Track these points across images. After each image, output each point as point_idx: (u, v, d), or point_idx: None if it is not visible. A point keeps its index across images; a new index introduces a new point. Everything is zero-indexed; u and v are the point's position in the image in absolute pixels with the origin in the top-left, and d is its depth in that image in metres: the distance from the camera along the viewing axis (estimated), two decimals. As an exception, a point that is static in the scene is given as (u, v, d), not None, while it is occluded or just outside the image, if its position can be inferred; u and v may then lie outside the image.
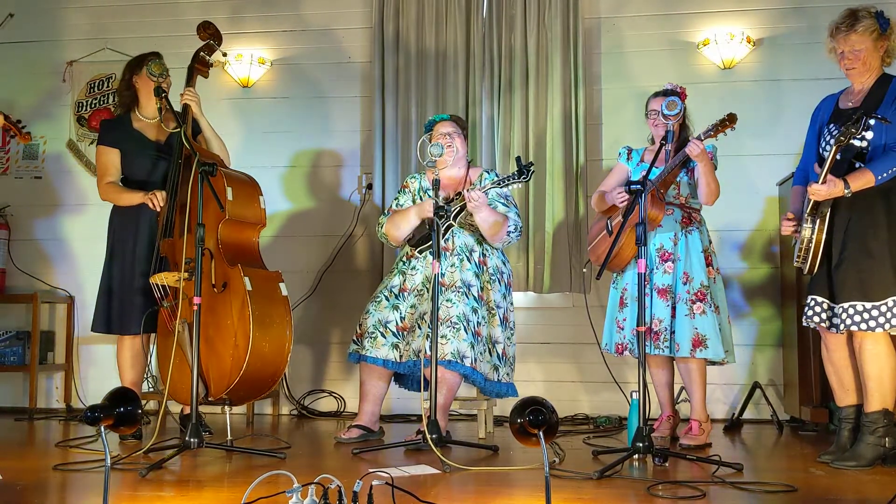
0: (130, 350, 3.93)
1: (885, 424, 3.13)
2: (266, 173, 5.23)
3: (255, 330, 3.49)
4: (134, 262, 3.89)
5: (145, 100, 4.01)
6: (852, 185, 3.11)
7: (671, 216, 3.85)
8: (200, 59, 4.09)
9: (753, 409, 4.69)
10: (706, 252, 3.86)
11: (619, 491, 2.75)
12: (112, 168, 3.98)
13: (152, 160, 3.97)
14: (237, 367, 3.47)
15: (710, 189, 3.74)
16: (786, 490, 2.74)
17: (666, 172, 3.76)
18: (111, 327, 3.91)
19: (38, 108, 5.49)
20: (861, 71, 3.27)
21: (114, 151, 3.99)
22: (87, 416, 2.32)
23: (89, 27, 5.48)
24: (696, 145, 3.60)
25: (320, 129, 5.31)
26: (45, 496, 2.70)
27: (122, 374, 3.96)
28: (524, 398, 2.25)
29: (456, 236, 3.93)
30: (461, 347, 3.70)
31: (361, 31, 5.31)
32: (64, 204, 5.43)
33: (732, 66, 4.94)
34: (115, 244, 3.97)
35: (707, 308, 3.75)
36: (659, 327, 3.78)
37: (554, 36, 4.99)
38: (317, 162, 5.32)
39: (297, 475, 2.21)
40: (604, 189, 4.08)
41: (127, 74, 4.05)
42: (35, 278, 5.31)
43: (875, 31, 3.22)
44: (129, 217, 3.93)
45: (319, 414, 5.03)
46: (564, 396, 4.91)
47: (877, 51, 3.25)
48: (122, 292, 3.89)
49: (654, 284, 3.82)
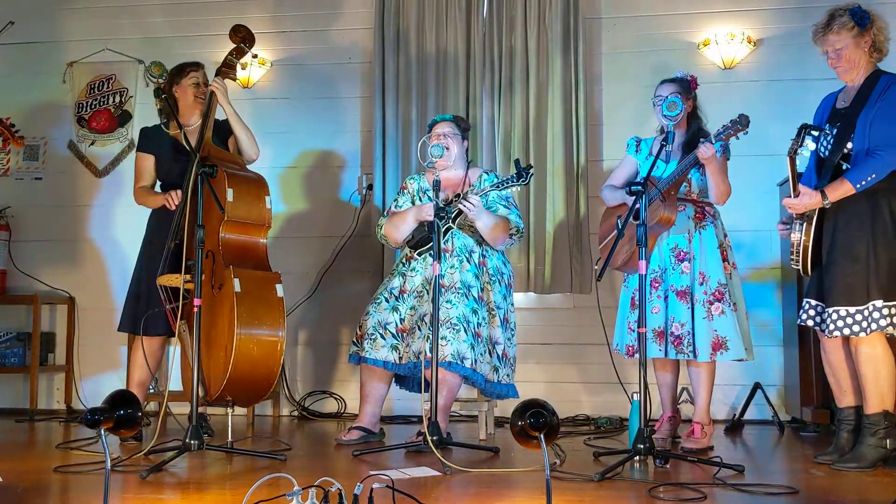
0: (147, 350, 3.90)
1: (885, 426, 3.13)
2: (266, 174, 5.16)
3: (240, 331, 3.48)
4: (159, 264, 3.89)
5: (184, 108, 4.09)
6: (830, 196, 3.11)
7: (683, 212, 3.75)
8: (228, 62, 4.09)
9: (754, 410, 4.68)
10: (721, 247, 3.75)
11: (619, 493, 2.75)
12: (145, 173, 4.09)
13: (184, 165, 3.95)
14: (225, 370, 3.47)
15: (720, 190, 3.67)
16: (787, 492, 2.73)
17: (677, 175, 3.67)
18: (136, 328, 3.91)
19: (38, 109, 5.49)
20: (847, 69, 3.26)
21: (148, 157, 4.08)
22: (87, 418, 2.31)
23: (89, 28, 5.47)
24: (708, 149, 3.52)
25: (320, 129, 5.31)
26: (45, 498, 2.69)
27: (132, 372, 3.98)
28: (525, 400, 2.25)
29: (455, 238, 3.93)
30: (461, 349, 3.69)
31: (362, 31, 5.31)
32: (64, 205, 5.42)
33: (733, 67, 4.94)
34: (144, 246, 4.03)
35: (726, 307, 3.65)
36: (681, 331, 3.67)
37: (554, 36, 4.99)
38: (317, 162, 5.31)
39: (298, 477, 2.21)
40: (612, 183, 4.01)
41: (167, 85, 4.13)
42: (35, 279, 5.31)
43: (853, 27, 3.19)
44: (160, 220, 3.98)
45: (320, 415, 5.03)
46: (565, 397, 4.90)
47: (860, 47, 3.22)
48: (148, 294, 3.91)
49: (672, 286, 3.72)
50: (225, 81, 4.05)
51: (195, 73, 4.10)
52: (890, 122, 3.11)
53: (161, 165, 4.07)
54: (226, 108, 4.03)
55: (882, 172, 3.09)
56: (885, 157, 3.08)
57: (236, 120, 4.05)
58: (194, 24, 5.35)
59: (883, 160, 3.08)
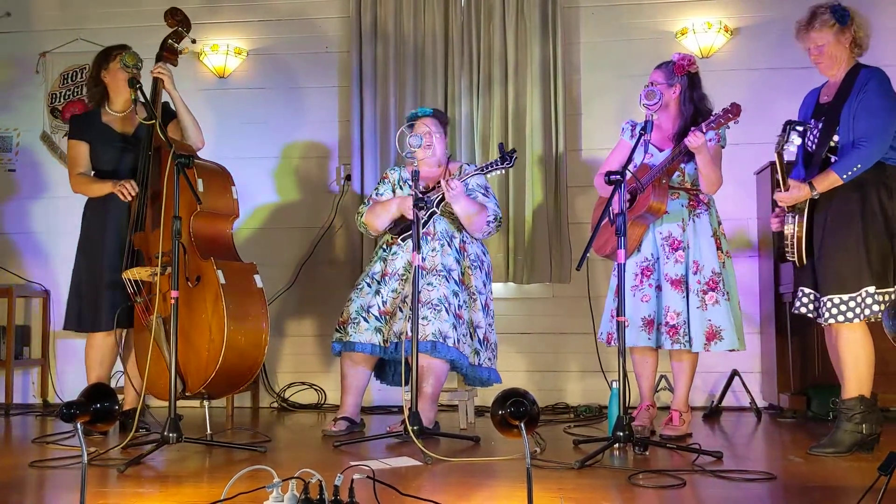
0: (100, 347, 3.84)
1: (861, 411, 3.17)
2: (243, 164, 5.17)
3: (229, 323, 3.46)
4: (103, 256, 3.80)
5: (114, 94, 3.95)
6: (818, 187, 3.20)
7: (677, 200, 3.71)
8: (168, 46, 3.97)
9: (732, 397, 4.72)
10: (715, 235, 3.72)
11: (600, 480, 2.76)
12: (81, 160, 3.93)
13: (119, 152, 3.89)
14: (213, 361, 3.44)
15: (710, 180, 3.64)
16: (765, 478, 2.76)
17: (667, 164, 3.63)
18: (82, 325, 3.83)
19: (10, 99, 5.41)
20: (828, 65, 3.34)
21: (83, 144, 3.94)
22: (63, 412, 2.28)
23: (62, 18, 5.40)
24: (697, 138, 3.49)
25: (298, 119, 5.27)
26: (21, 494, 2.66)
27: (90, 370, 3.86)
28: (505, 390, 2.24)
29: (437, 222, 3.92)
30: (443, 328, 3.69)
31: (339, 20, 5.27)
32: (38, 197, 5.35)
33: (710, 56, 4.96)
34: (84, 238, 3.90)
35: (720, 297, 3.62)
36: (677, 320, 3.64)
37: (533, 25, 4.98)
38: (295, 153, 5.28)
39: (278, 469, 2.20)
40: (606, 169, 3.97)
41: (94, 69, 3.98)
42: (9, 272, 5.24)
43: (833, 24, 3.28)
44: (99, 210, 3.87)
45: (300, 406, 5.01)
46: (545, 386, 4.92)
47: (841, 43, 3.30)
48: (91, 288, 3.82)
49: (666, 275, 3.68)
50: (167, 66, 3.92)
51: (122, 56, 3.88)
52: (871, 114, 3.18)
53: (96, 153, 3.92)
54: (172, 94, 3.89)
55: (867, 163, 3.16)
56: (869, 147, 3.16)
57: (183, 107, 3.91)
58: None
59: (867, 151, 3.16)
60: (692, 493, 2.59)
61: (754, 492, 2.60)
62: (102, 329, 3.80)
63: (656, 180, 3.62)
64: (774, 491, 2.63)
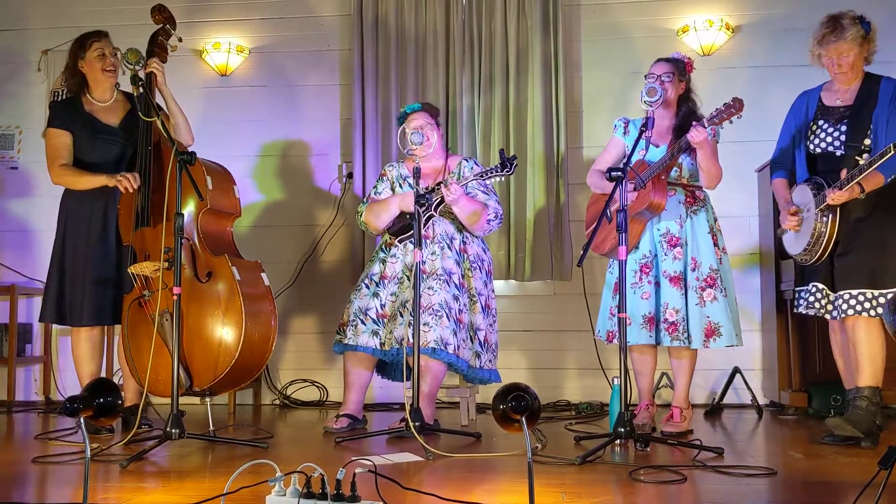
0: (88, 342, 3.79)
1: (876, 402, 3.26)
2: (245, 162, 5.20)
3: (247, 320, 3.48)
4: (87, 249, 3.74)
5: (94, 83, 3.86)
6: (867, 188, 3.28)
7: (674, 196, 3.71)
8: (159, 42, 3.88)
9: (733, 394, 4.72)
10: (712, 232, 3.73)
11: (601, 476, 2.76)
12: (65, 151, 3.78)
13: (105, 144, 3.82)
14: (227, 358, 3.45)
15: (711, 175, 3.64)
16: (766, 473, 2.76)
17: (667, 160, 3.62)
18: (63, 318, 3.77)
19: (13, 97, 5.42)
20: (850, 76, 3.43)
21: (66, 134, 3.80)
22: (66, 407, 2.29)
23: (62, 15, 5.40)
24: (699, 133, 3.47)
25: (300, 117, 5.28)
26: (24, 489, 2.67)
27: (80, 366, 3.81)
28: (506, 384, 2.25)
29: (436, 224, 3.93)
30: (444, 334, 3.70)
31: (341, 18, 5.28)
32: (41, 195, 5.36)
33: (711, 53, 4.96)
34: (66, 231, 3.80)
35: (718, 293, 3.62)
36: (676, 317, 3.64)
37: (534, 22, 4.99)
38: (297, 151, 5.29)
39: (280, 464, 2.20)
40: (599, 167, 3.89)
41: (71, 60, 3.88)
42: (12, 270, 5.25)
43: (861, 36, 3.37)
44: (82, 202, 3.78)
45: (302, 403, 5.02)
46: (546, 383, 4.93)
47: (862, 54, 3.40)
48: (75, 281, 3.75)
49: (665, 271, 3.68)
50: (159, 62, 3.83)
51: (98, 42, 3.82)
52: None
53: (79, 143, 3.80)
54: (163, 91, 3.81)
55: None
56: None
57: (174, 103, 3.84)
58: (174, 12, 5.29)
59: None
60: (693, 489, 2.59)
61: (755, 487, 2.61)
62: (86, 323, 3.74)
63: (655, 176, 3.62)
64: (775, 486, 2.63)
